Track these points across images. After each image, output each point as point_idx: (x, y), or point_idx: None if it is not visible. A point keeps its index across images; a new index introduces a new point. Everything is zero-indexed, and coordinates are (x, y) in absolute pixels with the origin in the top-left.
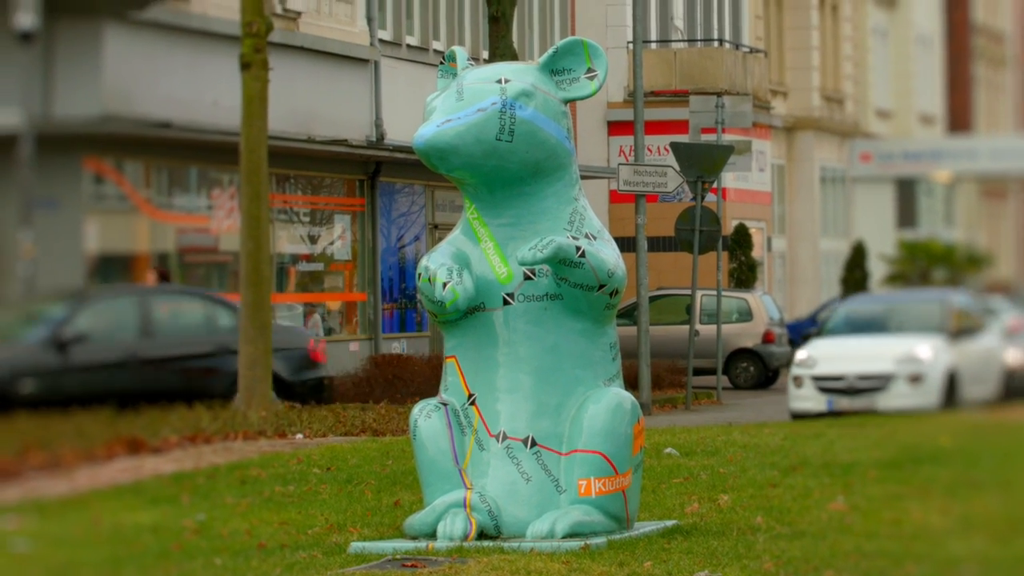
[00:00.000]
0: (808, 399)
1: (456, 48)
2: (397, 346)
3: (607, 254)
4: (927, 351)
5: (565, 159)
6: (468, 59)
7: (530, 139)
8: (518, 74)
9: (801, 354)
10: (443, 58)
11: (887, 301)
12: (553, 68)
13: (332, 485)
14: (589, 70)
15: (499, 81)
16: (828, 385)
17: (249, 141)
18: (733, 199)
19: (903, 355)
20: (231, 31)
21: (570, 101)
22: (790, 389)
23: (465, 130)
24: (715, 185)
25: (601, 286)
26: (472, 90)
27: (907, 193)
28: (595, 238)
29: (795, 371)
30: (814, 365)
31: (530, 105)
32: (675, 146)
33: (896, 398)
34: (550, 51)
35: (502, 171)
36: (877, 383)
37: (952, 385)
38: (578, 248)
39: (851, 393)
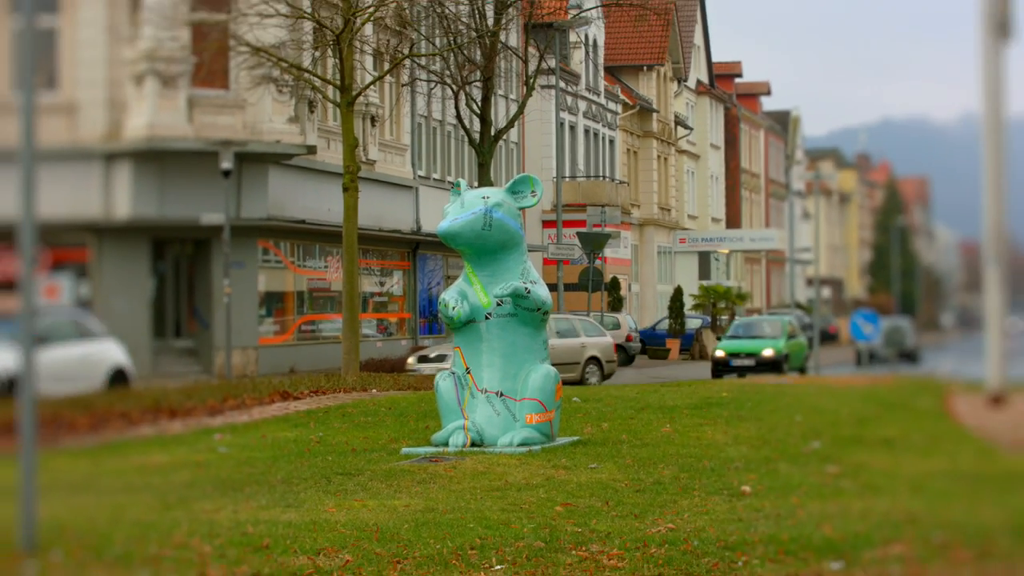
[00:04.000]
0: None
1: (460, 179)
2: (428, 342)
3: (542, 292)
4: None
5: (519, 240)
6: (467, 185)
7: (501, 229)
8: (494, 193)
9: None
10: (453, 185)
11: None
12: (513, 190)
13: (391, 417)
14: (533, 191)
15: (484, 198)
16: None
17: (347, 231)
18: (610, 263)
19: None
20: (337, 170)
21: (522, 208)
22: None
23: (465, 224)
24: (601, 255)
25: (539, 309)
26: (469, 202)
27: (704, 260)
28: (535, 283)
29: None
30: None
31: (501, 210)
32: (579, 234)
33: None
34: (511, 181)
35: (485, 247)
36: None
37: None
38: (526, 288)
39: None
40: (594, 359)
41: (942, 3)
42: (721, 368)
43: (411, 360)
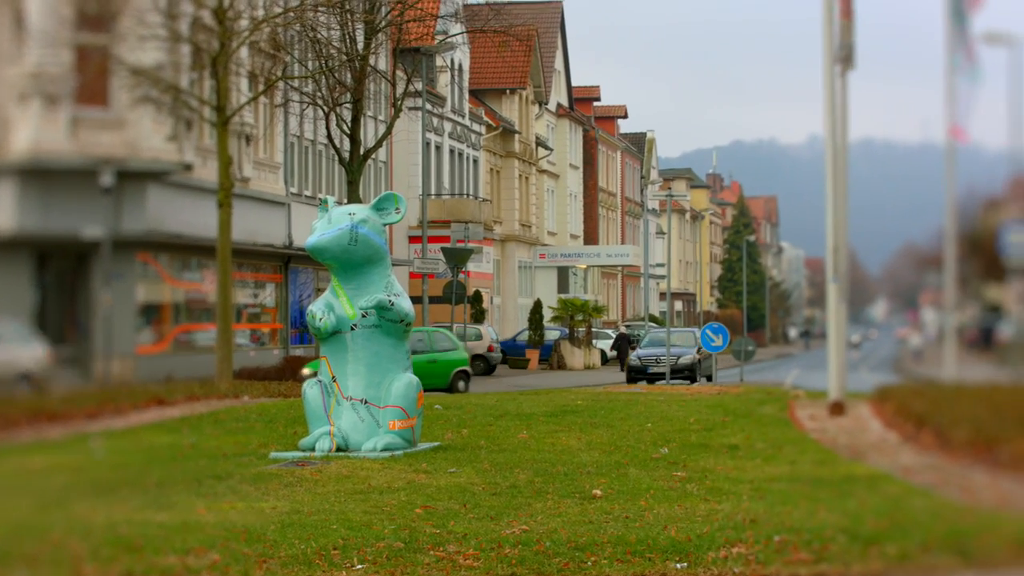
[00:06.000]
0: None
1: (328, 196)
2: (299, 351)
3: (405, 304)
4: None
5: (384, 254)
6: (334, 202)
7: (366, 244)
8: (360, 210)
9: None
10: (321, 201)
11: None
12: (378, 207)
13: (261, 423)
14: (397, 208)
15: (350, 214)
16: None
17: (222, 245)
18: (474, 276)
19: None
20: (213, 187)
21: (387, 224)
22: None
23: (332, 239)
24: (464, 269)
25: (402, 320)
26: (336, 218)
27: (563, 274)
28: (399, 296)
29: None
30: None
31: (366, 226)
32: (443, 249)
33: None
34: (376, 199)
35: (351, 261)
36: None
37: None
38: (390, 301)
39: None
40: (26, 376)
41: (792, 33)
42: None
43: None
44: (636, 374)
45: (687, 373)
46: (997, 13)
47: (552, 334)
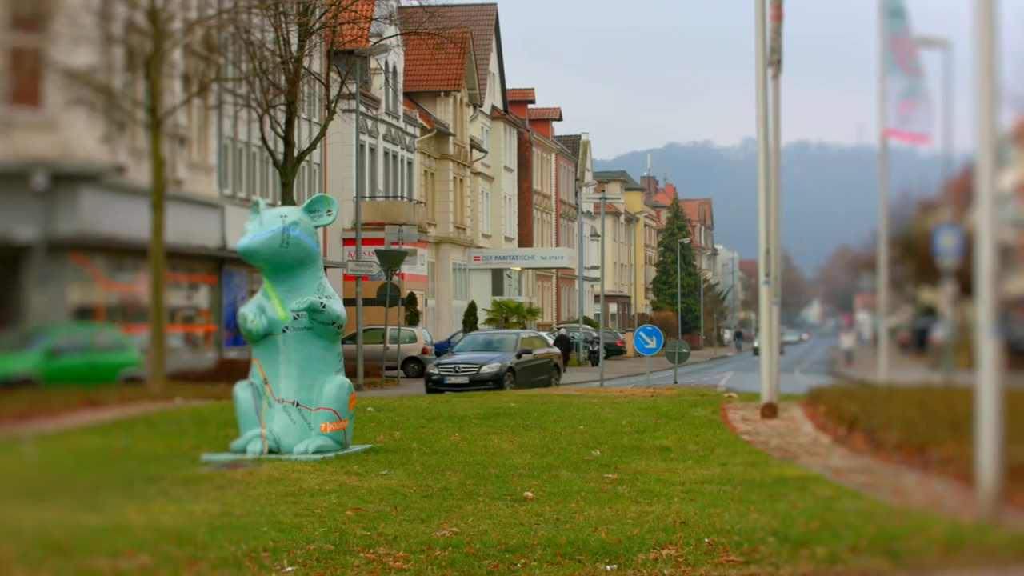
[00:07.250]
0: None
1: (260, 199)
2: (233, 354)
3: (337, 307)
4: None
5: (316, 257)
6: (267, 204)
7: (297, 246)
8: (292, 212)
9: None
10: (253, 204)
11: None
12: (310, 209)
13: (194, 425)
14: (328, 211)
15: (282, 216)
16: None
17: (155, 247)
18: (408, 279)
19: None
20: (146, 189)
21: (319, 226)
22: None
23: (263, 241)
24: (398, 271)
25: (334, 323)
26: (267, 220)
27: (498, 276)
28: (330, 298)
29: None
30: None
31: (298, 228)
32: (377, 251)
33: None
34: (308, 201)
35: (283, 263)
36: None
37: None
38: (322, 303)
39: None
40: None
41: (727, 37)
42: None
43: None
44: (434, 385)
45: (491, 385)
46: (930, 16)
47: None
